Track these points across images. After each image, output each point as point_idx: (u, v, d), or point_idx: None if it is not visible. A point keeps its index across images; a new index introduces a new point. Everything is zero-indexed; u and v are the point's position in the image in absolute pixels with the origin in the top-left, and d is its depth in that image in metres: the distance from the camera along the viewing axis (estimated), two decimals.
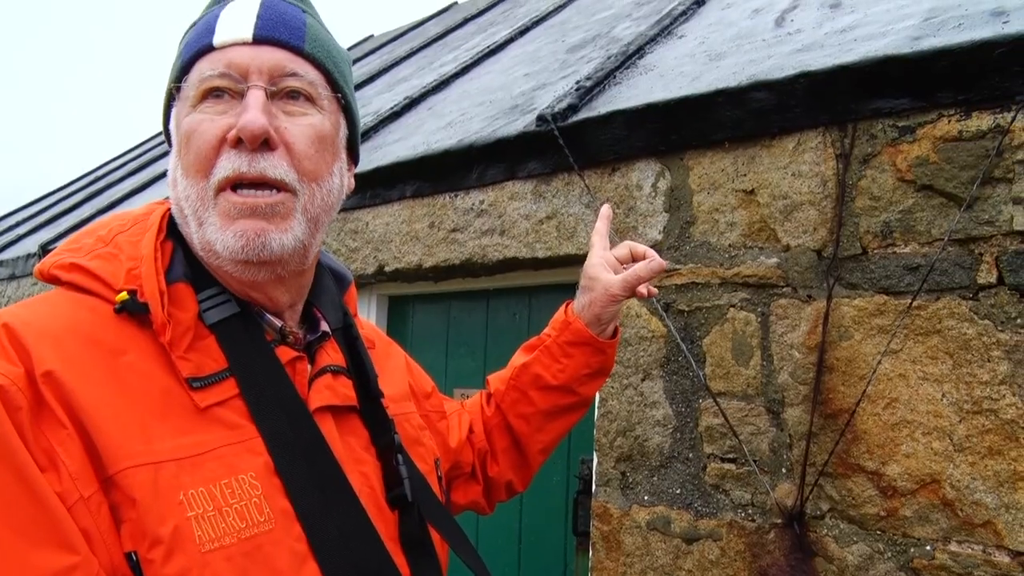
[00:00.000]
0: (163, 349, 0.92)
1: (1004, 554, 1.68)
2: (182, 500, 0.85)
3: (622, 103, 2.46)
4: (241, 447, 0.91)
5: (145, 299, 0.92)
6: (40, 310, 0.90)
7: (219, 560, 0.84)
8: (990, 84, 1.76)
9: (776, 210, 2.07)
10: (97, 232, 0.99)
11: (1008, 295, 1.72)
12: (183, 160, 0.98)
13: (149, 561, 0.81)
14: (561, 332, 1.44)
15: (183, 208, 0.99)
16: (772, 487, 2.02)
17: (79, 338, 0.88)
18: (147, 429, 0.86)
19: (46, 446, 0.80)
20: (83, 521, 0.79)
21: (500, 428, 1.48)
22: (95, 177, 9.25)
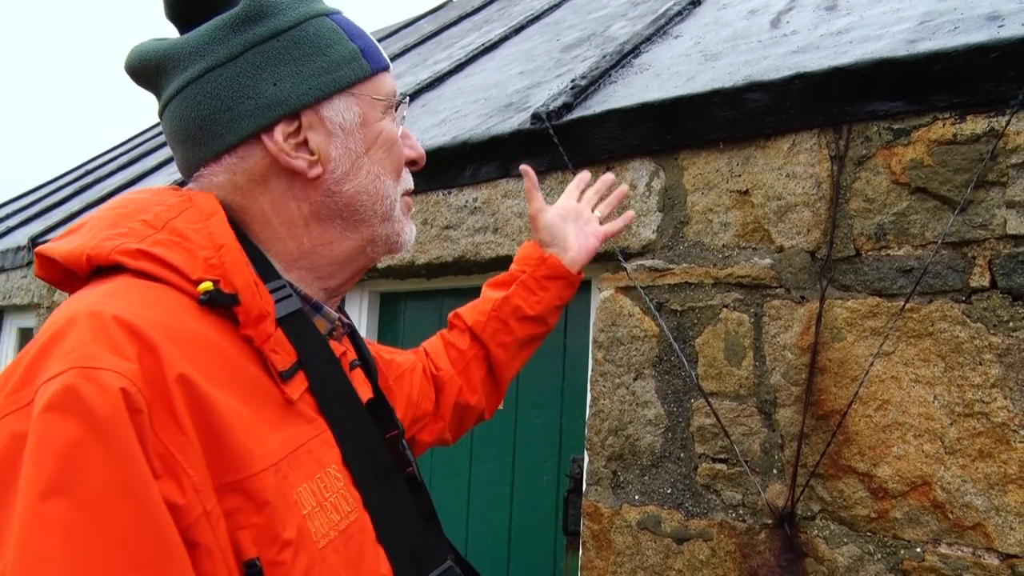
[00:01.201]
0: (243, 342, 0.90)
1: (994, 556, 1.69)
2: (296, 500, 0.86)
3: (617, 102, 2.45)
4: (320, 440, 0.94)
5: (233, 290, 0.89)
6: (136, 301, 0.82)
7: (331, 554, 0.87)
8: (985, 88, 1.76)
9: (770, 211, 2.07)
10: (139, 216, 0.92)
11: (1000, 298, 1.72)
12: (384, 163, 1.08)
13: (279, 563, 0.81)
14: (537, 267, 1.63)
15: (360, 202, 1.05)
16: (763, 488, 2.02)
17: (189, 334, 0.84)
18: (257, 427, 0.85)
19: (163, 452, 0.74)
20: (204, 536, 0.76)
21: (479, 359, 1.61)
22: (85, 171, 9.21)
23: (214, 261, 0.90)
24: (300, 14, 1.01)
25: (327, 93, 1.01)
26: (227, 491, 0.79)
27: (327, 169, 1.02)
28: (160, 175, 6.29)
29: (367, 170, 1.05)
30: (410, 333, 3.26)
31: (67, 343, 0.75)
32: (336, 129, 1.02)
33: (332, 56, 1.02)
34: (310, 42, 1.01)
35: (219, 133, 1.00)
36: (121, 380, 0.72)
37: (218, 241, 0.92)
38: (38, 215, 7.07)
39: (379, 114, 1.06)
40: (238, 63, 0.98)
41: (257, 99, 0.98)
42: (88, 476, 0.68)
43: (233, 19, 0.99)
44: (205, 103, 0.98)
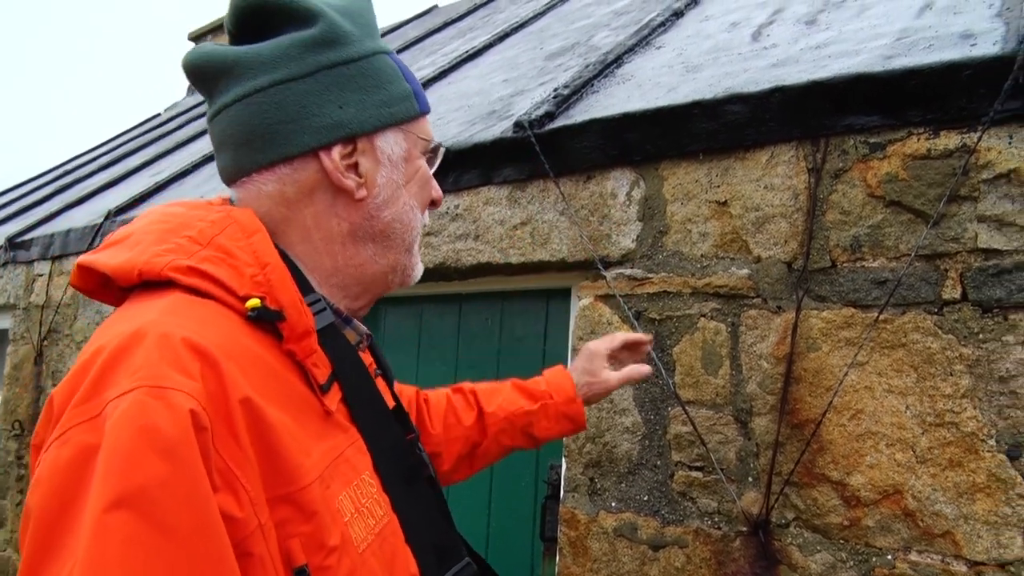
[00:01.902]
0: (286, 356, 0.94)
1: (962, 564, 1.71)
2: (338, 508, 0.91)
3: (599, 112, 2.48)
4: (354, 448, 0.99)
5: (278, 306, 0.93)
6: (196, 320, 0.86)
7: (369, 557, 0.92)
8: (958, 104, 1.80)
9: (748, 222, 2.10)
10: (183, 232, 0.95)
11: (971, 311, 1.76)
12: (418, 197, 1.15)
13: (325, 568, 0.86)
14: (566, 403, 1.70)
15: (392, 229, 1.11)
16: (738, 495, 2.04)
17: (244, 352, 0.88)
18: (303, 440, 0.90)
19: (222, 467, 0.78)
20: (258, 547, 0.80)
21: (470, 441, 1.64)
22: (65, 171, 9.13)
23: (260, 278, 0.94)
24: (368, 48, 1.08)
25: (383, 125, 1.08)
26: (279, 503, 0.84)
27: (371, 193, 1.08)
28: (143, 176, 6.26)
29: (404, 201, 1.12)
30: (390, 339, 3.26)
31: (135, 360, 0.78)
32: (384, 159, 1.09)
33: (392, 92, 1.09)
34: (375, 75, 1.08)
35: (280, 143, 1.03)
36: (189, 401, 0.76)
37: (263, 259, 0.96)
38: (16, 215, 7.01)
39: (419, 152, 1.14)
40: (307, 81, 1.03)
41: (322, 118, 1.03)
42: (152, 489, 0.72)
43: (309, 40, 1.03)
44: (271, 112, 1.03)
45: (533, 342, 2.78)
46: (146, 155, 7.36)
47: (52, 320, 4.87)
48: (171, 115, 10.23)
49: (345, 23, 1.07)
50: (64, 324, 4.79)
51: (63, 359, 4.74)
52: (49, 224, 5.64)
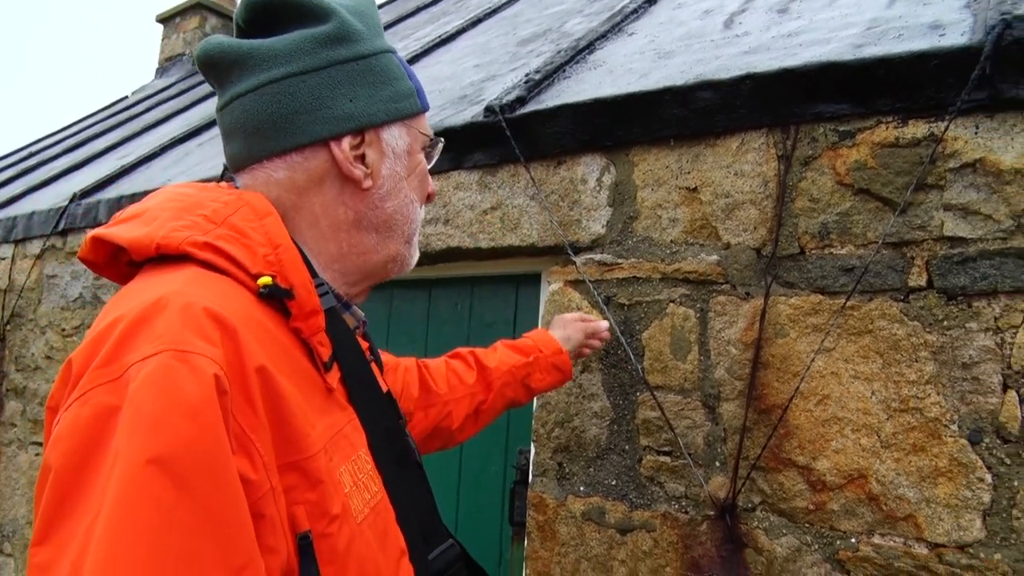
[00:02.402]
0: (292, 333, 0.99)
1: (923, 546, 1.74)
2: (339, 479, 0.95)
3: (570, 97, 2.47)
4: (352, 426, 1.03)
5: (288, 285, 0.98)
6: (216, 291, 0.90)
7: (366, 529, 0.97)
8: (926, 94, 1.81)
9: (718, 208, 2.11)
10: (198, 211, 0.99)
11: (936, 298, 1.78)
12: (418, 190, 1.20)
13: (327, 535, 0.90)
14: (554, 355, 1.96)
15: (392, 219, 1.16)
16: (706, 480, 2.06)
17: (258, 324, 0.92)
18: (309, 412, 0.94)
19: (238, 431, 0.81)
20: (269, 510, 0.83)
21: (474, 398, 1.79)
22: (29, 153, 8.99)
23: (272, 258, 0.98)
24: (377, 46, 1.14)
25: (390, 119, 1.14)
26: (287, 470, 0.87)
27: (376, 184, 1.13)
28: (109, 159, 6.17)
29: (404, 193, 1.17)
30: None
31: (158, 326, 0.81)
32: (389, 152, 1.14)
33: (398, 89, 1.15)
34: (383, 72, 1.14)
35: (292, 132, 1.08)
36: (212, 365, 0.80)
37: (275, 240, 1.00)
38: None
39: (419, 147, 1.20)
40: (321, 75, 1.08)
41: (334, 110, 1.08)
42: (181, 450, 0.75)
43: (322, 36, 1.08)
44: (285, 103, 1.07)
45: (503, 327, 2.78)
46: (113, 138, 7.26)
47: (15, 304, 4.79)
48: (139, 98, 10.08)
49: (355, 21, 1.12)
50: (28, 308, 4.71)
51: (27, 344, 4.67)
52: (12, 207, 5.55)
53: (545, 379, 1.93)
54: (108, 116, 9.61)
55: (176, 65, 10.77)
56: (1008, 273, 1.70)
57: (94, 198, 4.55)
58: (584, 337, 2.07)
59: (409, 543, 1.06)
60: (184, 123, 6.51)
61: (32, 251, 4.74)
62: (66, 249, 4.52)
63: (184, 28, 10.79)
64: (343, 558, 0.91)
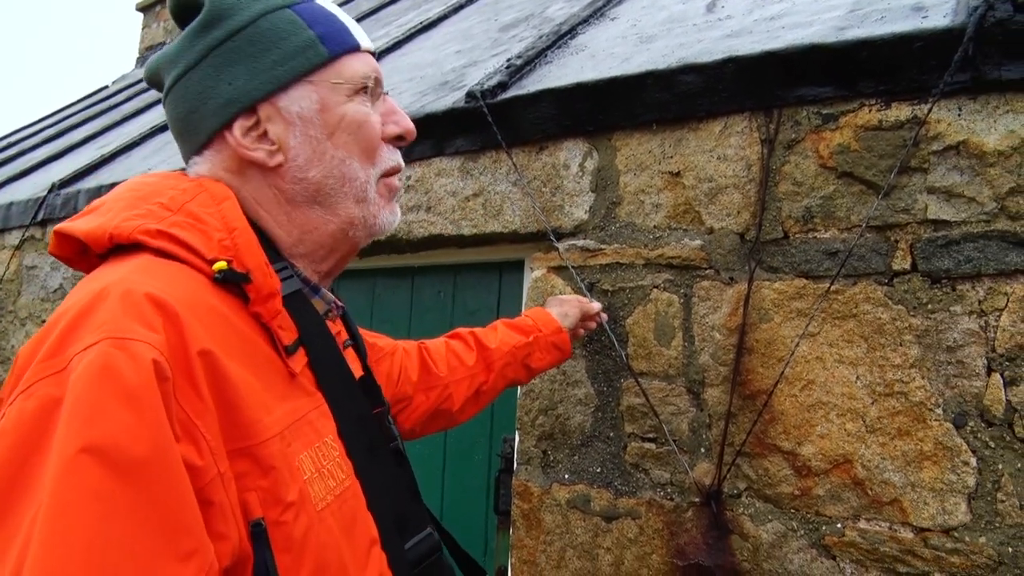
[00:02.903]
0: (252, 318, 0.97)
1: (908, 530, 1.74)
2: (298, 466, 0.93)
3: (552, 82, 2.45)
4: (319, 412, 1.01)
5: (244, 269, 0.96)
6: (160, 278, 0.88)
7: (327, 517, 0.94)
8: (909, 76, 1.80)
9: (701, 193, 2.09)
10: (155, 199, 0.99)
11: (920, 281, 1.77)
12: (350, 145, 1.09)
13: (282, 523, 0.88)
14: (554, 333, 1.95)
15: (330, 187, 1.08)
16: (691, 466, 2.05)
17: (207, 308, 0.90)
18: (264, 397, 0.92)
19: (183, 417, 0.81)
20: (218, 495, 0.82)
21: (474, 379, 1.77)
22: (7, 143, 8.88)
23: (227, 243, 0.97)
24: (255, 11, 1.06)
25: (281, 84, 1.06)
26: (237, 456, 0.86)
27: (288, 157, 1.07)
28: (89, 148, 6.10)
29: (331, 155, 1.08)
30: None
31: (99, 316, 0.81)
32: (294, 118, 1.07)
33: (285, 48, 1.06)
34: (264, 38, 1.06)
35: (193, 132, 1.08)
36: (152, 351, 0.79)
37: (231, 224, 0.99)
38: None
39: (342, 98, 1.09)
40: (201, 67, 1.06)
41: (217, 99, 1.05)
42: (118, 437, 0.74)
43: (198, 25, 1.06)
44: (180, 105, 1.08)
45: (486, 315, 2.76)
46: (93, 127, 7.18)
47: None
48: (119, 87, 9.98)
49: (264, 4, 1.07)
50: (7, 300, 4.66)
51: (6, 336, 4.62)
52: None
53: (545, 358, 1.92)
54: (88, 106, 9.50)
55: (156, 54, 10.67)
56: (992, 256, 1.69)
57: (73, 188, 4.49)
58: (581, 315, 2.05)
59: (382, 532, 1.04)
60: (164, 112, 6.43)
61: (11, 242, 4.69)
62: (45, 240, 4.46)
63: (164, 17, 10.69)
64: (300, 546, 0.90)
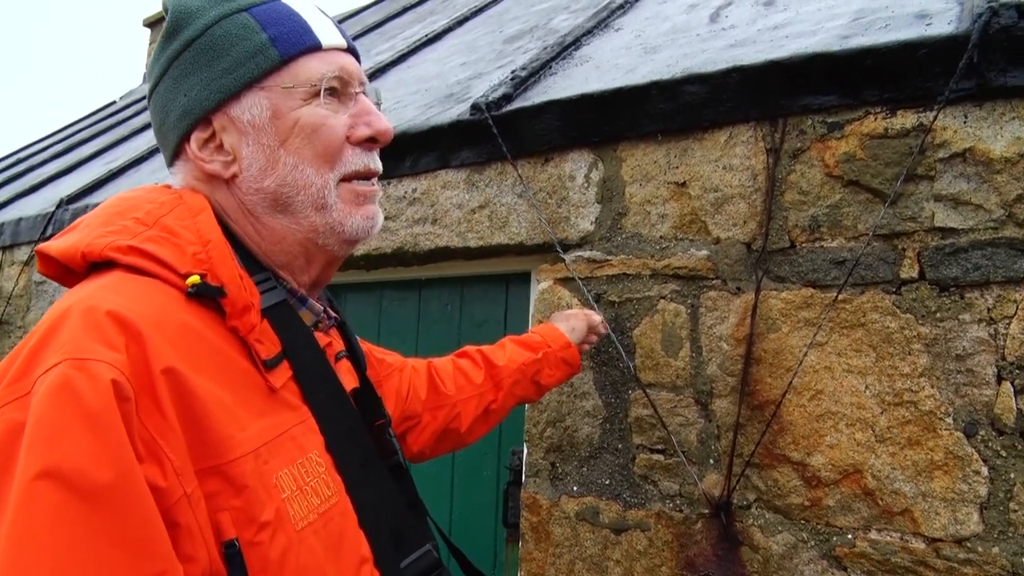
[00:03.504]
0: (230, 333, 0.94)
1: (920, 541, 1.72)
2: (275, 484, 0.90)
3: (557, 93, 2.45)
4: (303, 427, 0.98)
5: (219, 283, 0.93)
6: (126, 295, 0.86)
7: (309, 536, 0.91)
8: (913, 84, 1.79)
9: (707, 203, 2.08)
10: (131, 214, 0.97)
11: (929, 289, 1.76)
12: (304, 150, 1.03)
13: (256, 544, 0.85)
14: (563, 348, 1.92)
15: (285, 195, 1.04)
16: (700, 478, 2.04)
17: (176, 324, 0.88)
18: (239, 414, 0.90)
19: (147, 437, 0.79)
20: (185, 517, 0.80)
21: (483, 398, 1.73)
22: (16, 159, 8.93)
23: (201, 256, 0.94)
24: (210, 18, 1.03)
25: (231, 93, 1.02)
26: (207, 475, 0.83)
27: (242, 168, 1.04)
28: (97, 164, 6.13)
29: (284, 161, 1.03)
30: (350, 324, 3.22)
31: (62, 336, 0.80)
32: (247, 127, 1.03)
33: (235, 55, 1.03)
34: (216, 45, 1.03)
35: (164, 145, 1.08)
36: (111, 371, 0.77)
37: (205, 236, 0.96)
38: None
39: (296, 102, 1.03)
40: (165, 80, 1.05)
41: (175, 111, 1.04)
42: (78, 460, 0.73)
43: (161, 37, 1.05)
44: (154, 119, 1.08)
45: (493, 327, 2.75)
46: (101, 143, 7.21)
47: (3, 311, 4.75)
48: (127, 103, 10.04)
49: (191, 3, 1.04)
50: (16, 315, 4.67)
51: None
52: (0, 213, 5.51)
53: (555, 374, 1.90)
54: (96, 121, 9.56)
55: None
56: (1000, 263, 1.68)
57: (82, 203, 4.51)
58: (587, 328, 2.04)
59: (375, 549, 1.00)
60: None
61: (20, 258, 4.71)
62: None
63: None
64: (276, 567, 0.86)
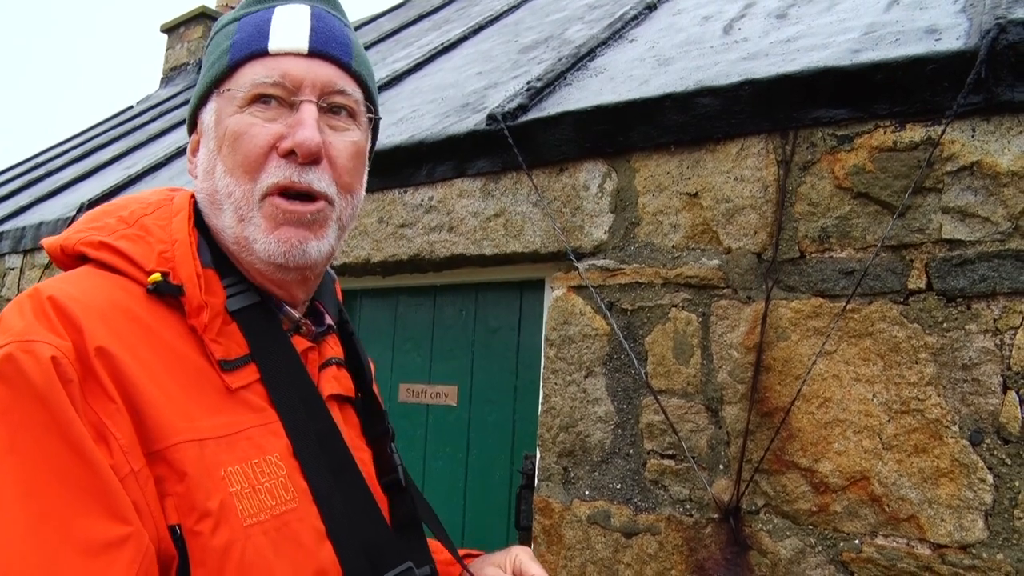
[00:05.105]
0: (191, 331, 0.95)
1: (926, 547, 1.75)
2: (223, 476, 0.89)
3: (571, 104, 2.49)
4: (265, 429, 0.96)
5: (179, 281, 0.94)
6: (79, 285, 0.89)
7: (257, 534, 0.89)
8: (922, 98, 1.83)
9: (719, 213, 2.12)
10: (117, 213, 1.00)
11: (936, 300, 1.79)
12: (228, 159, 1.01)
13: (197, 533, 0.85)
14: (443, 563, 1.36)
15: (218, 201, 1.02)
16: (710, 483, 2.07)
17: (122, 314, 0.89)
18: (187, 407, 0.89)
19: (94, 419, 0.81)
20: (133, 494, 0.81)
21: None
22: (36, 164, 9.04)
23: (168, 254, 0.96)
24: (218, 26, 1.09)
25: (200, 98, 1.06)
26: (153, 460, 0.84)
27: (196, 171, 1.07)
28: (115, 168, 6.21)
29: (215, 167, 1.03)
30: (366, 330, 3.27)
31: (12, 321, 0.83)
32: (204, 131, 1.06)
33: (209, 60, 1.06)
34: (209, 53, 1.08)
35: None
36: (52, 350, 0.79)
37: (174, 236, 0.98)
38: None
39: (233, 108, 1.01)
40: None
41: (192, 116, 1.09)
42: (31, 433, 0.76)
43: None
44: None
45: (507, 333, 2.79)
46: (119, 148, 7.30)
47: None
48: (144, 107, 10.14)
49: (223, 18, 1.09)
50: None
51: None
52: (20, 217, 5.58)
53: None
54: (114, 126, 9.66)
55: (181, 75, 10.83)
56: (1006, 275, 1.72)
57: None
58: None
59: (344, 562, 0.96)
60: None
61: (41, 261, 4.78)
62: None
63: (188, 38, 10.85)
64: (219, 560, 0.85)
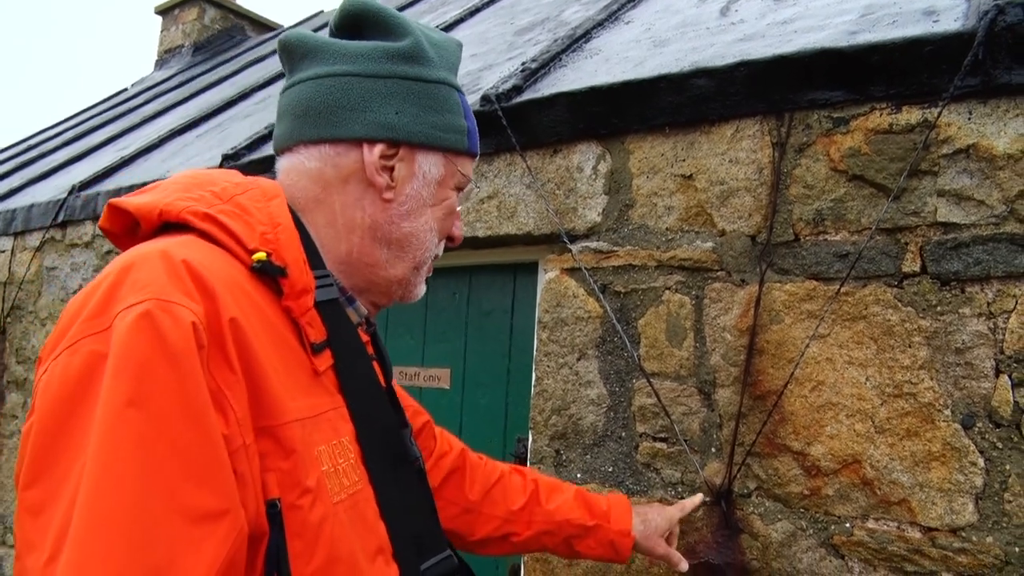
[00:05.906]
0: (283, 312, 0.99)
1: (916, 530, 1.75)
2: (317, 455, 0.94)
3: (566, 85, 2.47)
4: (337, 413, 1.02)
5: (283, 263, 0.99)
6: (200, 252, 0.91)
7: (341, 511, 0.95)
8: (919, 80, 1.82)
9: (713, 195, 2.11)
10: (208, 187, 1.03)
11: (930, 283, 1.78)
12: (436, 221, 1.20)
13: (298, 507, 0.89)
14: (619, 534, 1.69)
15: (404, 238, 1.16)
16: (702, 466, 2.07)
17: (242, 289, 0.93)
18: (289, 386, 0.94)
19: (214, 387, 0.83)
20: (241, 465, 0.84)
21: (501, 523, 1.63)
22: (28, 146, 8.99)
23: (270, 236, 1.00)
24: (442, 77, 1.18)
25: (430, 144, 1.16)
26: (261, 434, 0.88)
27: (397, 200, 1.15)
28: (108, 151, 6.17)
29: (425, 219, 1.18)
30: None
31: (141, 278, 0.84)
32: (420, 174, 1.16)
33: (448, 121, 1.18)
34: (439, 100, 1.17)
35: (333, 124, 1.13)
36: (191, 315, 0.82)
37: (276, 220, 1.03)
38: None
39: (453, 184, 1.21)
40: (378, 81, 1.13)
41: (378, 115, 1.13)
42: (160, 393, 0.78)
43: (393, 50, 1.14)
44: (335, 96, 1.13)
45: (500, 316, 2.79)
46: (112, 130, 7.26)
47: (15, 296, 4.80)
48: (138, 90, 10.08)
49: (430, 49, 1.17)
50: (28, 301, 4.72)
51: (27, 336, 4.68)
52: (11, 199, 5.55)
53: (595, 550, 1.69)
54: (107, 108, 9.61)
55: (175, 57, 10.76)
56: (1001, 258, 1.71)
57: (93, 190, 4.56)
58: (660, 532, 1.79)
59: (396, 546, 1.04)
60: (183, 115, 6.51)
61: (32, 243, 4.75)
62: (65, 241, 4.52)
63: (183, 20, 10.78)
64: (314, 533, 0.90)
